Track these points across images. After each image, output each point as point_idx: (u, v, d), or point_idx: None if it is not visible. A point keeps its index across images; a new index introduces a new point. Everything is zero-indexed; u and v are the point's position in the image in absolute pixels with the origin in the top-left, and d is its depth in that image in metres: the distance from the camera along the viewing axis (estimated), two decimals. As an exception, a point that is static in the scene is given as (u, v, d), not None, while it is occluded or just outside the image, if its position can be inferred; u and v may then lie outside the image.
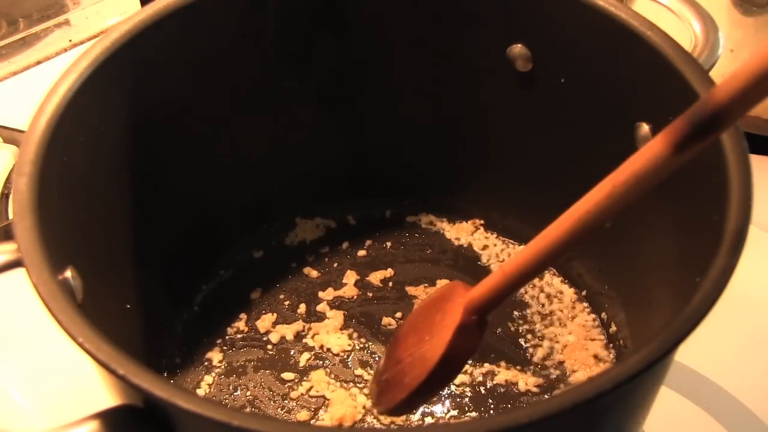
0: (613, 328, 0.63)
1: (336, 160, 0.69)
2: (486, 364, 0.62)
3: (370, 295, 0.67)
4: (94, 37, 0.94)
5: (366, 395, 0.60)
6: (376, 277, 0.68)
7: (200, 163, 0.62)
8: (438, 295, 0.49)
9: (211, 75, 0.59)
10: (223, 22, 0.57)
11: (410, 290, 0.67)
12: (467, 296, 0.45)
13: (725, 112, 0.34)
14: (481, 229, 0.71)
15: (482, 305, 0.44)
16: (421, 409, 0.59)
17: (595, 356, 0.62)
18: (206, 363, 0.63)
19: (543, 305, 0.66)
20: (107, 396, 0.42)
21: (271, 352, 0.63)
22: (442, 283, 0.67)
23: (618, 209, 0.38)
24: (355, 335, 0.64)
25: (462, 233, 0.71)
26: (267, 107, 0.63)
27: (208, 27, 0.56)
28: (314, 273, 0.69)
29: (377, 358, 0.62)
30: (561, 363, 0.62)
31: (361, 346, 0.63)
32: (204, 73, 0.58)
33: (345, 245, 0.71)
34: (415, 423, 0.59)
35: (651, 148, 0.36)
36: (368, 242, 0.71)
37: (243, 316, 0.66)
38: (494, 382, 0.61)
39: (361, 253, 0.70)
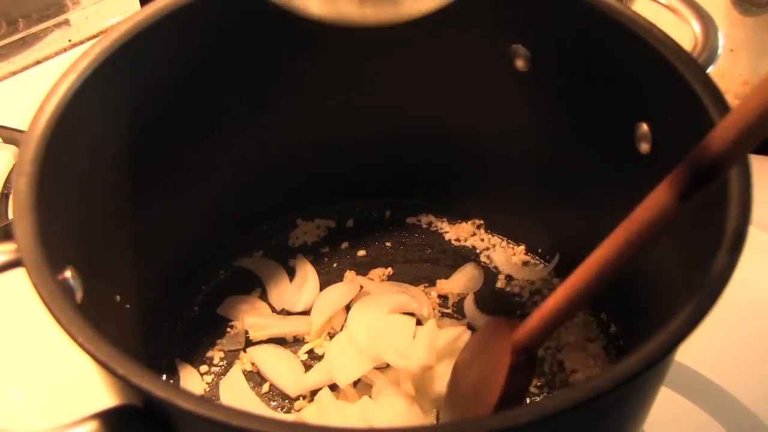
0: (613, 328, 0.63)
1: (336, 160, 0.69)
2: (486, 364, 0.62)
3: (370, 295, 0.67)
4: (94, 37, 0.94)
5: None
6: (375, 277, 0.68)
7: (200, 163, 0.62)
8: (489, 332, 0.52)
9: (210, 74, 0.59)
10: (223, 22, 0.57)
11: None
12: (513, 338, 0.48)
13: (723, 160, 0.36)
14: (481, 229, 0.71)
15: (526, 345, 0.47)
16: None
17: (595, 356, 0.62)
18: (206, 363, 0.63)
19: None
20: (107, 396, 0.42)
21: (271, 352, 0.63)
22: (441, 283, 0.67)
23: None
24: (355, 335, 0.64)
25: (462, 233, 0.71)
26: (267, 107, 0.63)
27: (208, 27, 0.56)
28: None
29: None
30: (561, 363, 0.62)
31: (361, 346, 0.63)
32: (204, 72, 0.58)
33: (345, 245, 0.71)
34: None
35: (658, 198, 0.39)
36: (368, 242, 0.71)
37: (243, 316, 0.65)
38: (494, 382, 0.61)
39: (361, 253, 0.70)
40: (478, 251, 0.70)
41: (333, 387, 0.60)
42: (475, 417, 0.49)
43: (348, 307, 0.65)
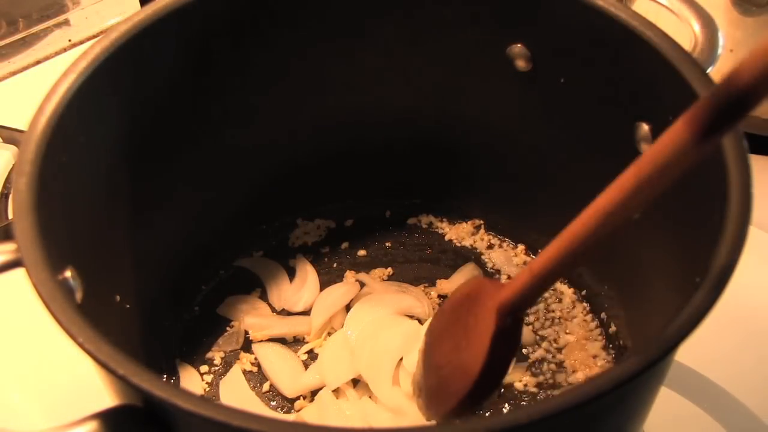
0: (613, 328, 0.63)
1: (336, 160, 0.68)
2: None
3: (370, 295, 0.67)
4: (94, 37, 0.94)
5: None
6: (375, 277, 0.68)
7: (200, 163, 0.62)
8: (465, 295, 0.47)
9: (209, 75, 0.59)
10: (223, 21, 0.57)
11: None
12: (498, 298, 0.43)
13: (754, 90, 0.31)
14: (481, 229, 0.71)
15: (514, 306, 0.43)
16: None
17: (595, 356, 0.62)
18: (206, 363, 0.63)
19: (542, 305, 0.66)
20: (107, 396, 0.42)
21: (271, 352, 0.63)
22: (441, 283, 0.67)
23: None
24: (355, 335, 0.64)
25: (462, 233, 0.71)
26: (266, 107, 0.63)
27: (208, 27, 0.56)
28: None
29: (377, 358, 0.62)
30: (561, 363, 0.62)
31: (361, 346, 0.63)
32: (203, 72, 0.58)
33: (345, 245, 0.71)
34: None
35: (674, 137, 0.34)
36: (368, 242, 0.71)
37: (243, 316, 0.65)
38: (494, 382, 0.61)
39: (361, 253, 0.70)
40: (478, 251, 0.70)
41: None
42: (458, 395, 0.45)
43: (348, 307, 0.65)
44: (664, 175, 0.35)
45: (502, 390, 0.61)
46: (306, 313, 0.66)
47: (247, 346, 0.64)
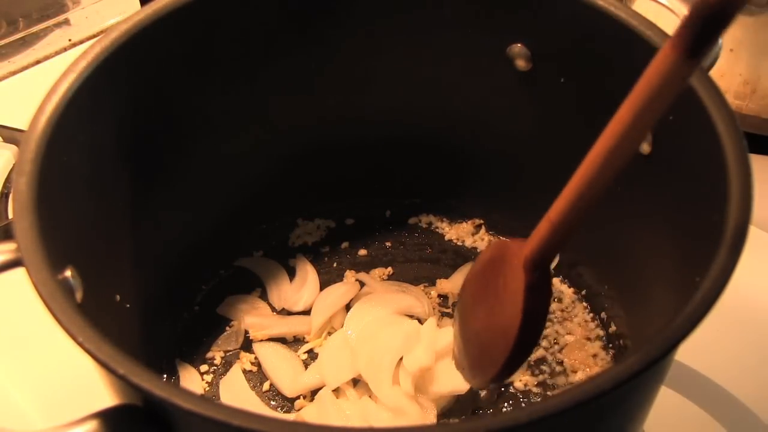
0: (613, 328, 0.63)
1: (336, 160, 0.68)
2: (486, 364, 0.62)
3: (370, 295, 0.67)
4: (94, 36, 0.94)
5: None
6: (375, 277, 0.68)
7: (200, 163, 0.62)
8: (489, 260, 0.48)
9: (210, 74, 0.59)
10: (223, 21, 0.57)
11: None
12: (522, 254, 0.43)
13: (728, 4, 0.32)
14: (481, 229, 0.72)
15: (539, 259, 0.43)
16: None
17: (595, 356, 0.62)
18: (206, 363, 0.63)
19: (543, 305, 0.66)
20: (107, 396, 0.42)
21: (271, 352, 0.63)
22: (441, 282, 0.67)
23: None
24: (355, 335, 0.64)
25: (462, 233, 0.71)
26: (266, 107, 0.63)
27: (208, 27, 0.56)
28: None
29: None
30: (561, 363, 0.62)
31: (361, 346, 0.63)
32: (203, 72, 0.58)
33: (345, 245, 0.71)
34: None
35: (662, 60, 0.35)
36: (368, 242, 0.71)
37: (243, 316, 0.65)
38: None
39: (362, 252, 0.70)
40: (478, 251, 0.70)
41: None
42: (498, 364, 0.45)
43: (348, 307, 0.65)
44: (660, 98, 0.36)
45: (502, 389, 0.61)
46: (306, 312, 0.66)
47: (247, 345, 0.64)
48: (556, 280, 0.67)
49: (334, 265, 0.70)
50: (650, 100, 0.36)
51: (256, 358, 0.63)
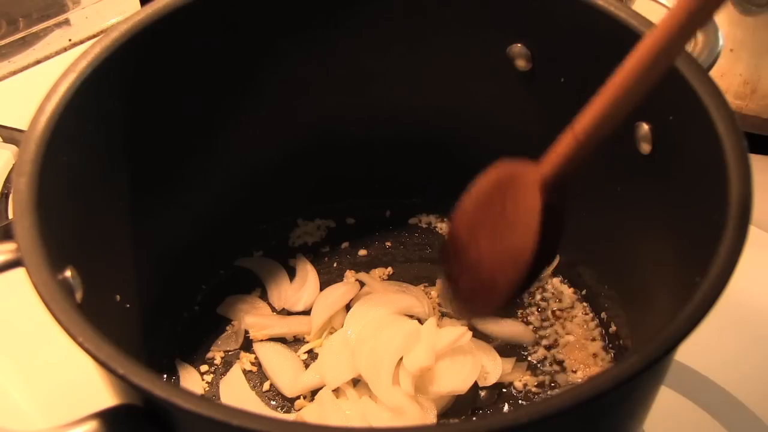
0: (613, 328, 0.63)
1: (336, 160, 0.68)
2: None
3: (370, 294, 0.67)
4: (94, 36, 0.94)
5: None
6: (375, 277, 0.68)
7: (200, 163, 0.62)
8: (495, 183, 0.45)
9: (210, 74, 0.59)
10: (223, 21, 0.57)
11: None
12: (539, 173, 0.41)
13: None
14: (481, 229, 0.71)
15: (560, 177, 0.41)
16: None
17: (595, 356, 0.62)
18: (206, 363, 0.63)
19: (542, 305, 0.66)
20: (107, 396, 0.42)
21: (271, 352, 0.63)
22: (441, 282, 0.67)
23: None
24: (355, 335, 0.64)
25: (462, 233, 0.71)
26: (266, 107, 0.63)
27: (208, 27, 0.56)
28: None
29: (377, 358, 0.62)
30: (561, 363, 0.62)
31: (361, 346, 0.63)
32: (203, 72, 0.58)
33: (345, 245, 0.71)
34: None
35: None
36: (368, 242, 0.71)
37: (243, 316, 0.65)
38: (494, 382, 0.61)
39: (362, 252, 0.70)
40: (478, 251, 0.70)
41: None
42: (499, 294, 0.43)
43: (348, 307, 0.65)
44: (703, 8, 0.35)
45: (503, 390, 0.61)
46: (306, 312, 0.66)
47: (247, 345, 0.64)
48: (556, 281, 0.67)
49: (334, 265, 0.70)
50: (693, 12, 0.35)
51: (256, 358, 0.63)
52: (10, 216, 0.58)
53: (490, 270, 0.45)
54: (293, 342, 0.65)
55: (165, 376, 0.62)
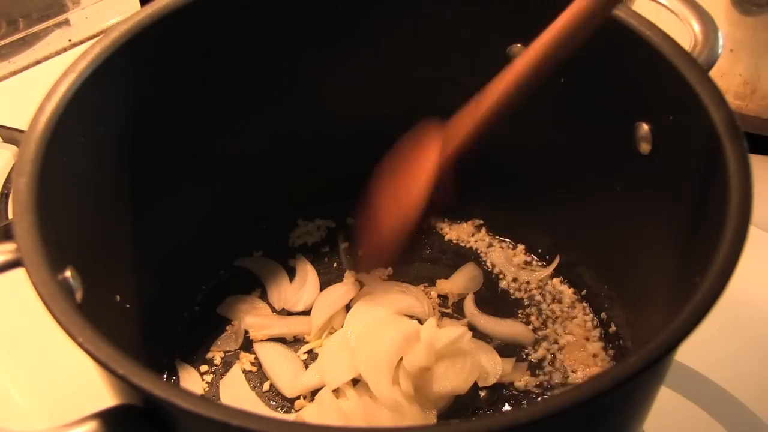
0: (613, 328, 0.63)
1: (336, 160, 0.68)
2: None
3: (370, 295, 0.67)
4: (94, 36, 0.94)
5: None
6: (375, 277, 0.68)
7: (200, 163, 0.62)
8: (406, 144, 0.50)
9: (210, 74, 0.59)
10: (223, 21, 0.57)
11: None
12: (444, 135, 0.46)
13: None
14: (481, 229, 0.71)
15: (460, 146, 0.47)
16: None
17: (595, 356, 0.62)
18: (206, 363, 0.63)
19: (542, 306, 0.66)
20: (107, 396, 0.42)
21: (271, 352, 0.63)
22: (441, 283, 0.67)
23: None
24: (355, 335, 0.64)
25: (462, 234, 0.71)
26: (266, 107, 0.63)
27: (208, 27, 0.56)
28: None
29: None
30: (561, 363, 0.62)
31: (361, 346, 0.63)
32: (203, 72, 0.58)
33: (345, 245, 0.71)
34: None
35: None
36: (368, 242, 0.71)
37: (243, 316, 0.65)
38: (494, 382, 0.61)
39: (362, 253, 0.70)
40: (478, 251, 0.70)
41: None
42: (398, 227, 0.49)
43: (348, 307, 0.65)
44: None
45: (503, 390, 0.61)
46: (306, 313, 0.66)
47: (247, 345, 0.64)
48: (556, 281, 0.67)
49: (334, 265, 0.70)
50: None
51: (256, 358, 0.63)
52: (10, 216, 0.58)
53: (384, 219, 0.49)
54: (293, 342, 0.65)
55: (165, 376, 0.62)
